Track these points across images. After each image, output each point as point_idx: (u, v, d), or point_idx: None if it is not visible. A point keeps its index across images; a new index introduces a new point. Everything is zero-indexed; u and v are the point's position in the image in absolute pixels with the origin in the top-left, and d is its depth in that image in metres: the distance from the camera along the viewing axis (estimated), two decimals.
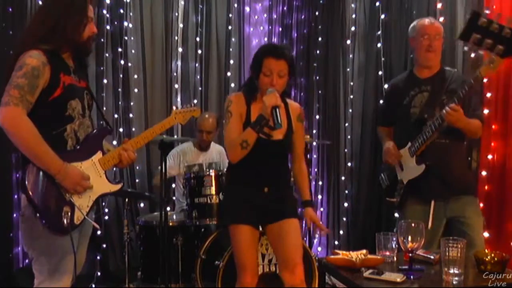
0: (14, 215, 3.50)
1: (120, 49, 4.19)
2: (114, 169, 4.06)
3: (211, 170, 3.23)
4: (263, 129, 2.20)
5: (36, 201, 1.87)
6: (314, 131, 4.70)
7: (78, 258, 1.99)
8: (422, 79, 2.69)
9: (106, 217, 4.11)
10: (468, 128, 2.53)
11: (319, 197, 4.69)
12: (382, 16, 4.08)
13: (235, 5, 4.69)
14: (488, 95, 3.03)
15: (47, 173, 1.86)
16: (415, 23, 2.73)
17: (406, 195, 2.70)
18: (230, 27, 4.65)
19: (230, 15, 4.66)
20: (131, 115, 4.27)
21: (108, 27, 4.15)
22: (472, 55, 3.20)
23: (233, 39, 4.67)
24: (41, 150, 1.84)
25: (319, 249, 4.64)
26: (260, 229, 2.45)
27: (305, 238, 3.80)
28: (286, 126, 2.38)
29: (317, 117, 4.70)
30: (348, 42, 4.47)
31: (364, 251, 2.05)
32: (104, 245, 4.08)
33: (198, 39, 4.51)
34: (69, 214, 1.89)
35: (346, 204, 4.47)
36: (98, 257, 4.03)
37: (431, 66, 2.67)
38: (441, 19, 3.32)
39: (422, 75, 2.70)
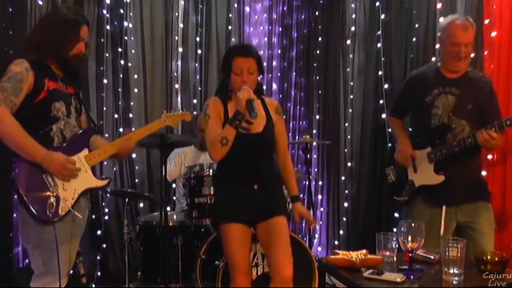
0: (14, 215, 3.50)
1: (120, 49, 4.18)
2: (114, 169, 4.09)
3: (211, 170, 3.23)
4: (241, 124, 2.25)
5: (22, 193, 1.98)
6: (314, 131, 4.70)
7: (67, 253, 2.13)
8: (448, 79, 2.61)
9: (106, 217, 4.11)
10: (492, 147, 2.52)
11: (319, 197, 4.69)
12: (382, 16, 4.08)
13: (235, 5, 4.69)
14: None
15: (34, 166, 1.99)
16: (446, 23, 2.59)
17: (414, 195, 2.68)
18: (230, 27, 4.65)
19: (230, 15, 4.65)
20: (131, 115, 4.26)
21: (108, 27, 4.15)
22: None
23: (233, 39, 4.67)
24: (25, 141, 2.00)
25: (319, 249, 4.64)
26: (252, 229, 2.44)
27: (305, 238, 3.80)
28: (265, 119, 2.44)
29: (317, 117, 4.70)
30: (348, 42, 4.47)
31: (364, 251, 2.06)
32: (104, 245, 4.08)
33: (198, 39, 4.51)
34: (54, 205, 2.02)
35: (346, 204, 4.46)
36: (98, 257, 4.03)
37: (459, 71, 2.61)
38: (441, 19, 3.32)
39: (448, 75, 2.62)
